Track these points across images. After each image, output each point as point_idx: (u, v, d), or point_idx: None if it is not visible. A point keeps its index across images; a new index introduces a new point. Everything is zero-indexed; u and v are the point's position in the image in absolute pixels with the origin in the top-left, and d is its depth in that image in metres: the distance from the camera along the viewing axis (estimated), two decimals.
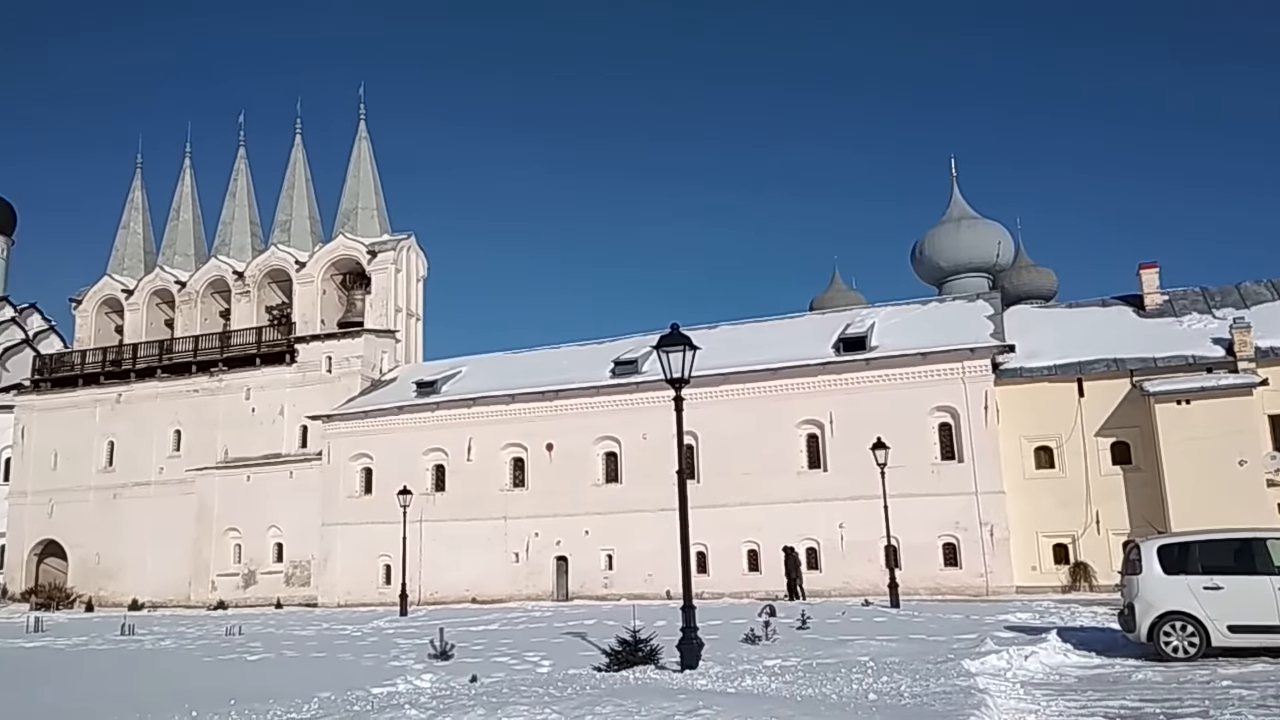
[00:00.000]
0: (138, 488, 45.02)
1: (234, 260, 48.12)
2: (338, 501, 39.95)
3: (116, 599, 42.65)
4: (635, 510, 34.44)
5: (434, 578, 36.49)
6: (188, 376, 45.58)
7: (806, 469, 34.05)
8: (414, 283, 47.29)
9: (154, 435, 45.31)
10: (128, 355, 47.79)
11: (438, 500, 38.07)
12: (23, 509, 47.04)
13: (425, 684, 14.62)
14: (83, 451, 46.41)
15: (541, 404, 37.59)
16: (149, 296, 49.75)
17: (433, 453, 39.08)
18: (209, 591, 41.46)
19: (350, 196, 47.25)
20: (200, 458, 43.75)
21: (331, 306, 46.87)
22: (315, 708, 12.65)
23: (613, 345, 40.19)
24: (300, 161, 48.89)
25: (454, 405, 39.01)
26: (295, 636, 24.91)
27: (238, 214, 49.84)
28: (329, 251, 46.33)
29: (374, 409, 40.54)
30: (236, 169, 50.37)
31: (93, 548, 45.17)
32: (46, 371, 49.29)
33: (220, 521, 42.47)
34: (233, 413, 44.01)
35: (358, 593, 38.29)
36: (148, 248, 51.91)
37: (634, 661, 13.60)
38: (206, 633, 27.27)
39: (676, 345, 13.45)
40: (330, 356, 43.31)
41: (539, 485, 37.25)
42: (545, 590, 36.01)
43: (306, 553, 40.42)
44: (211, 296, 48.86)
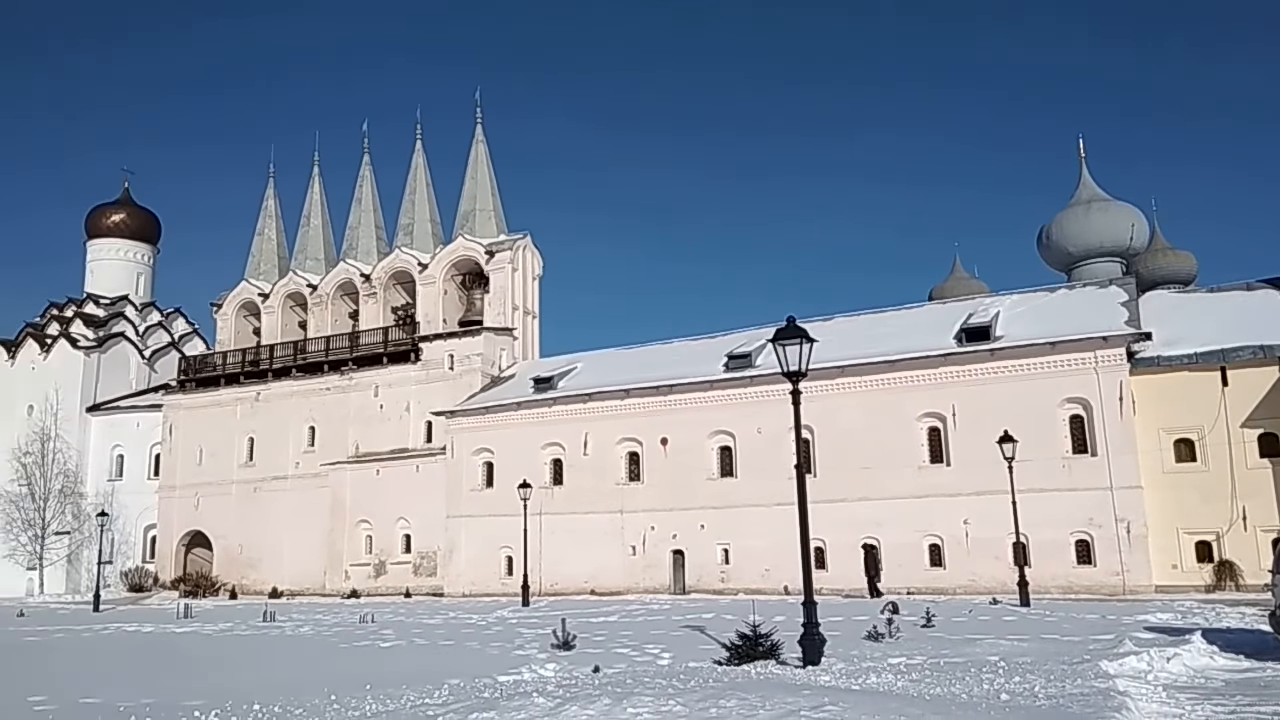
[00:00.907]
0: (276, 481, 47.41)
1: (361, 263, 50.07)
2: (461, 495, 41.15)
3: (258, 587, 45.03)
4: (750, 505, 34.31)
5: (553, 569, 37.19)
6: (320, 375, 47.69)
7: (928, 463, 33.22)
8: (530, 281, 48.22)
9: (290, 431, 47.59)
10: (265, 356, 50.33)
11: (556, 494, 38.76)
12: (171, 502, 50.13)
13: (549, 673, 14.94)
14: (225, 447, 49.14)
15: (655, 399, 37.81)
16: (283, 299, 52.28)
17: (550, 447, 39.82)
18: (343, 580, 43.33)
19: (468, 199, 48.52)
20: (333, 452, 45.73)
21: (453, 306, 48.25)
22: (446, 694, 13.09)
23: (725, 339, 40.09)
24: (421, 166, 50.47)
25: (570, 401, 39.63)
26: (424, 625, 25.81)
27: (363, 219, 51.82)
28: (449, 253, 47.69)
29: (493, 405, 41.56)
30: (361, 175, 52.41)
31: (236, 538, 47.79)
32: (191, 372, 52.35)
33: (352, 513, 44.32)
34: (362, 409, 45.84)
35: (481, 583, 39.37)
36: (281, 253, 54.53)
37: (754, 656, 13.57)
38: (341, 620, 28.52)
39: (793, 338, 13.32)
40: (452, 354, 44.60)
41: (654, 479, 37.50)
42: (662, 583, 36.24)
43: (433, 544, 41.78)
44: (341, 298, 50.97)
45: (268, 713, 12.14)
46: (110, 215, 61.28)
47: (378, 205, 52.63)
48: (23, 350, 56.13)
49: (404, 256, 48.54)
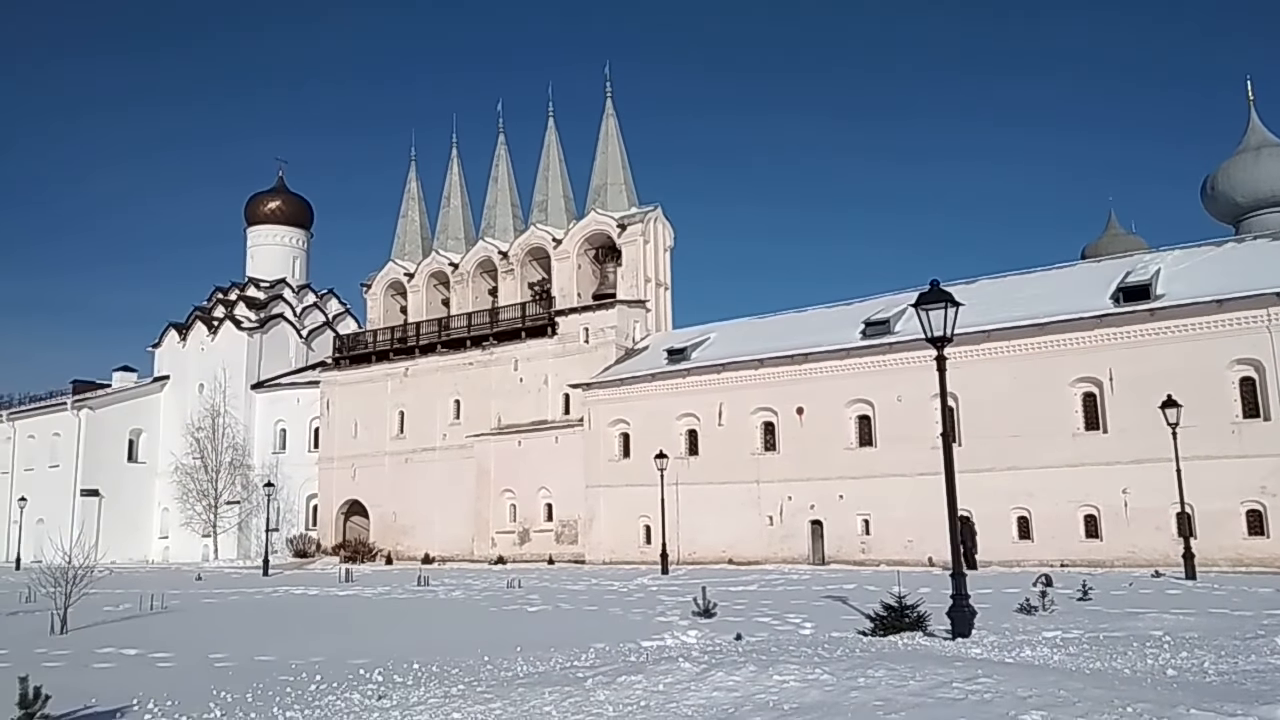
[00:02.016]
0: (425, 453, 49.49)
1: (498, 241, 51.38)
2: (599, 465, 41.93)
3: (411, 553, 47.25)
4: (891, 475, 33.62)
5: (691, 538, 37.50)
6: (463, 351, 49.35)
7: (1083, 430, 31.70)
8: (661, 253, 48.37)
9: (437, 405, 49.53)
10: (411, 333, 52.45)
11: (691, 464, 38.98)
12: (330, 473, 53.05)
13: (692, 640, 15.12)
14: (378, 421, 51.59)
15: (790, 368, 37.42)
16: (427, 278, 54.25)
17: (685, 418, 40.02)
18: (489, 548, 44.96)
19: (600, 173, 48.98)
20: (477, 424, 47.35)
21: (587, 280, 48.96)
22: (592, 657, 13.44)
23: (862, 306, 39.23)
24: (554, 144, 51.23)
25: (704, 371, 39.68)
26: (568, 591, 26.53)
27: (500, 198, 53.08)
28: (582, 227, 48.34)
29: (628, 377, 42.06)
30: (497, 155, 53.61)
31: (389, 507, 50.22)
32: (344, 350, 55.08)
33: (497, 483, 45.84)
34: (503, 383, 47.23)
35: (620, 551, 40.10)
36: (424, 234, 56.53)
37: (900, 627, 13.35)
38: (490, 585, 29.62)
39: (937, 302, 12.91)
40: (587, 328, 45.32)
41: (790, 449, 37.19)
42: (800, 554, 36.02)
43: (573, 513, 42.80)
44: (481, 275, 52.48)
45: (426, 672, 12.76)
46: (267, 203, 64.89)
47: (514, 184, 53.79)
48: (192, 332, 60.33)
49: (539, 233, 49.49)
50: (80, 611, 19.91)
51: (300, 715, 9.99)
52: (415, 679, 12.15)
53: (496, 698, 9.30)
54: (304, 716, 9.89)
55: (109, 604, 23.98)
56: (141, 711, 10.73)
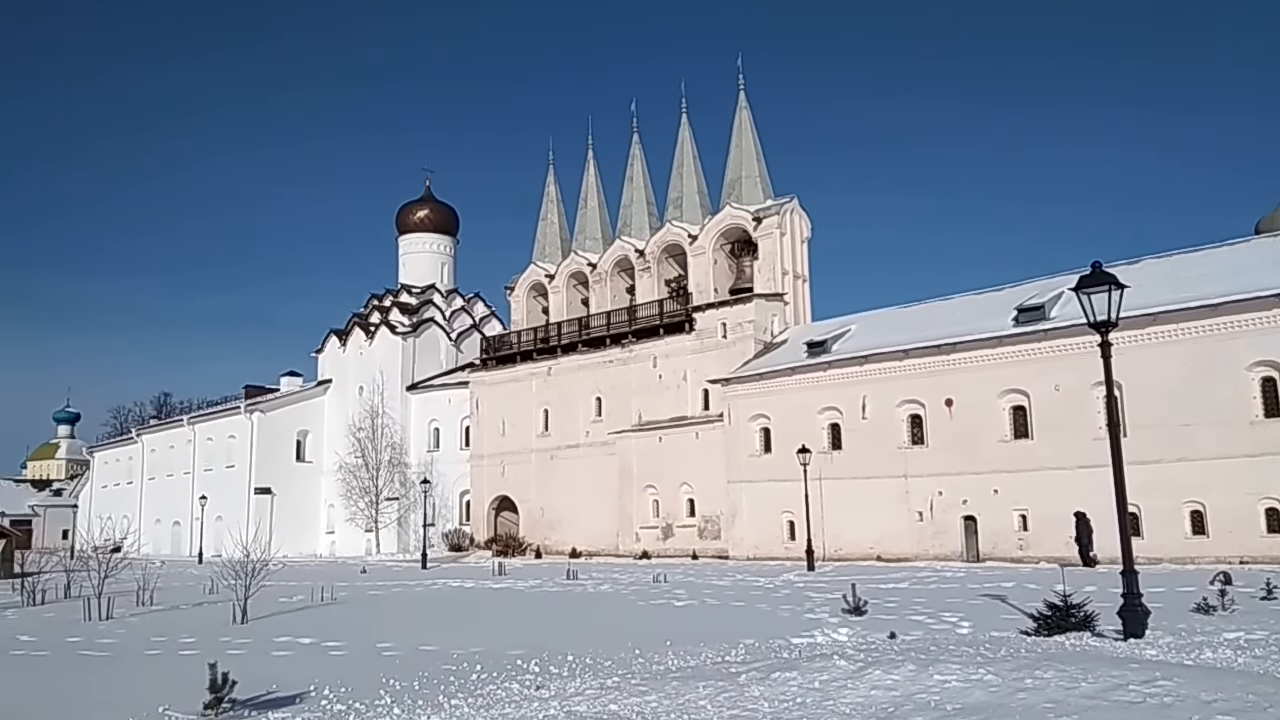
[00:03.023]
0: (569, 449, 50.53)
1: (635, 240, 51.89)
2: (740, 460, 41.76)
3: (559, 547, 48.34)
4: (1050, 468, 32.13)
5: (837, 534, 36.88)
6: (603, 349, 50.10)
7: (1262, 418, 29.41)
8: (798, 244, 47.72)
9: (579, 402, 50.47)
10: (553, 333, 53.64)
11: (835, 458, 38.31)
12: (481, 470, 54.86)
13: (843, 637, 14.89)
14: (524, 419, 53.00)
15: (937, 358, 36.26)
16: (567, 279, 55.36)
17: (827, 411, 39.36)
18: (634, 543, 45.50)
19: (734, 167, 48.75)
20: (618, 421, 47.99)
21: (723, 274, 48.83)
22: (742, 653, 13.42)
23: (1013, 291, 37.61)
24: (687, 140, 51.31)
25: (845, 364, 38.93)
26: (714, 586, 26.57)
27: (635, 197, 53.60)
28: (717, 222, 48.23)
29: (767, 371, 41.70)
30: (632, 154, 54.13)
31: (537, 502, 51.53)
32: (491, 351, 56.83)
33: (639, 479, 46.33)
34: (643, 380, 47.69)
35: (764, 547, 39.84)
36: (563, 235, 57.69)
37: (1066, 627, 12.77)
38: (636, 580, 29.99)
39: (1100, 284, 12.25)
40: (724, 323, 45.18)
41: (939, 442, 36.04)
42: (953, 550, 34.87)
43: (715, 508, 42.80)
44: (618, 274, 53.15)
45: (580, 663, 13.05)
46: (416, 212, 67.61)
47: (648, 183, 54.20)
48: (351, 338, 63.51)
49: (674, 230, 49.69)
50: (258, 602, 21.31)
51: (464, 703, 10.39)
52: (570, 670, 12.45)
53: (651, 690, 9.43)
54: (468, 705, 10.29)
55: (283, 595, 25.57)
56: (318, 697, 11.40)
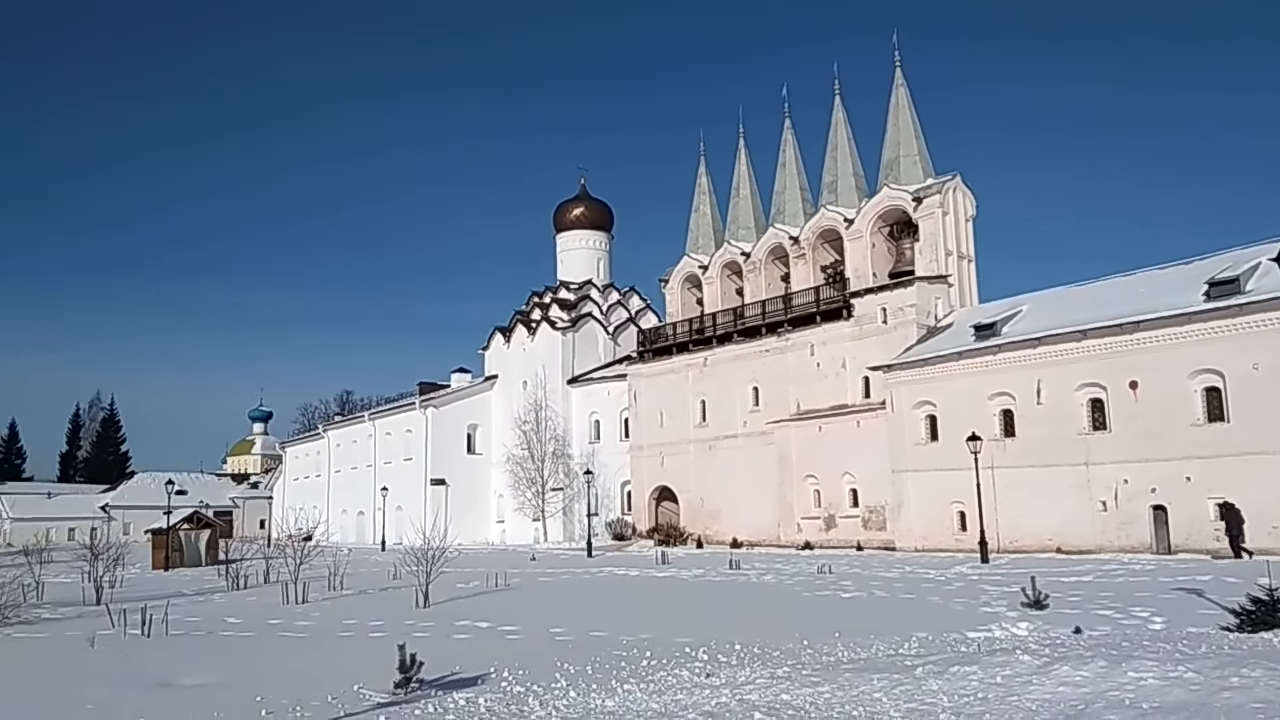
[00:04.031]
0: (727, 440, 50.50)
1: (789, 226, 51.23)
2: (905, 449, 40.59)
3: (720, 537, 48.44)
4: (1251, 453, 29.69)
5: (1011, 525, 35.32)
6: (759, 338, 49.76)
7: None
8: (962, 224, 45.87)
9: (736, 392, 50.35)
10: (708, 324, 53.69)
11: (1008, 446, 36.67)
12: (641, 460, 55.62)
13: (1023, 632, 14.31)
14: (681, 410, 53.34)
15: (1119, 338, 34.08)
16: (720, 269, 55.29)
17: (998, 397, 37.68)
18: (795, 533, 45.04)
19: (891, 146, 47.30)
20: (776, 411, 47.57)
21: (881, 258, 47.54)
22: (915, 646, 13.09)
23: (1202, 264, 34.91)
24: (841, 122, 50.18)
25: (1017, 347, 37.15)
26: (881, 578, 25.98)
27: (788, 183, 52.90)
28: (874, 205, 46.97)
29: (932, 356, 40.30)
30: (784, 140, 53.42)
31: (697, 493, 51.79)
32: (647, 344, 57.47)
33: (799, 469, 45.79)
34: (800, 368, 47.07)
35: (933, 538, 38.59)
36: (715, 226, 57.64)
37: (1273, 623, 11.80)
38: (799, 570, 29.70)
39: None
40: (884, 308, 43.98)
41: (1123, 427, 33.87)
42: (1141, 542, 32.73)
43: (880, 498, 41.79)
44: (772, 263, 52.64)
45: (749, 653, 13.07)
46: (571, 211, 69.19)
47: (801, 168, 53.39)
48: (514, 334, 65.68)
49: (829, 214, 48.73)
50: (438, 588, 22.39)
51: (636, 689, 10.60)
52: (739, 659, 12.49)
53: (824, 681, 9.34)
54: (640, 690, 10.49)
55: (460, 581, 26.75)
56: (498, 679, 11.89)
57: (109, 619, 19.25)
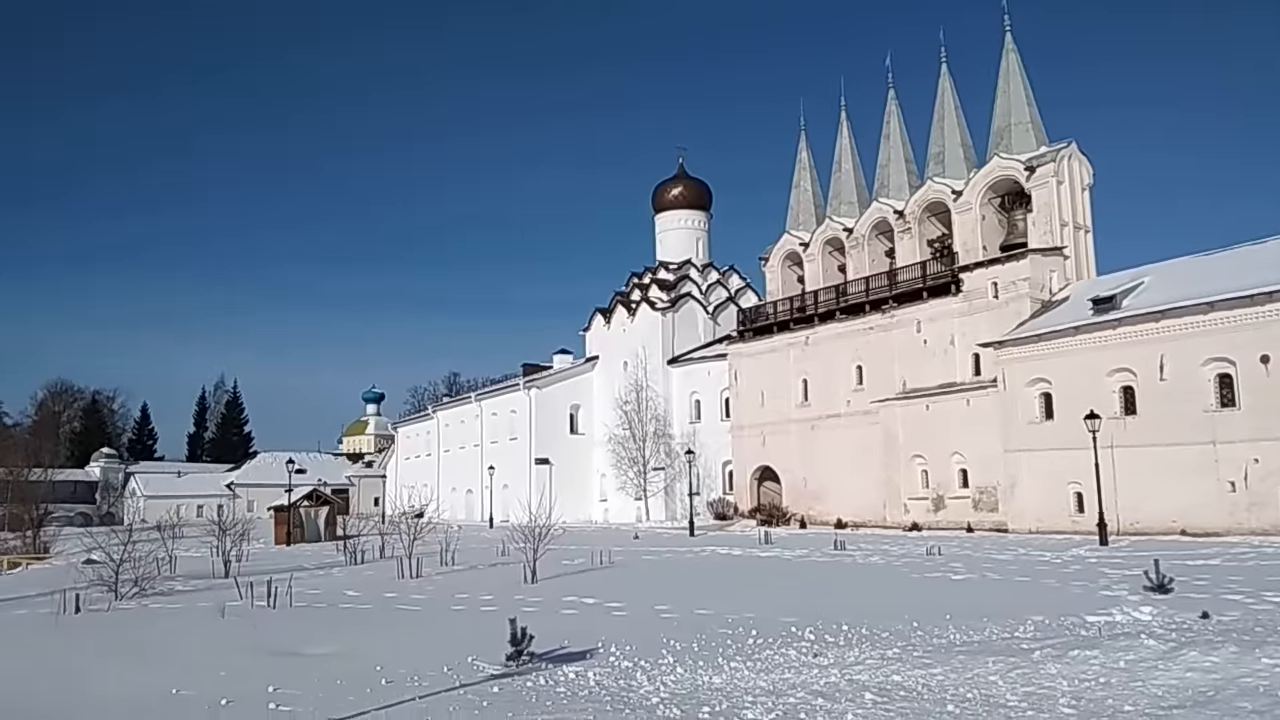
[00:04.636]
0: (830, 419, 49.81)
1: (893, 200, 49.96)
2: (1018, 428, 39.30)
3: (823, 518, 47.91)
4: None
5: (1132, 506, 33.85)
6: (862, 316, 48.79)
7: None
8: (1078, 193, 43.90)
9: (838, 371, 49.55)
10: (810, 302, 52.91)
11: (1128, 424, 35.12)
12: (742, 440, 55.37)
13: (1146, 616, 13.76)
14: (782, 389, 52.82)
15: (1249, 310, 32.17)
16: (822, 246, 54.37)
17: (1118, 373, 36.09)
18: (902, 514, 44.19)
19: (1001, 114, 45.55)
20: (881, 389, 46.66)
21: (992, 231, 45.92)
22: (1031, 629, 12.73)
23: None
24: (948, 91, 48.56)
25: (1138, 320, 35.46)
26: (993, 560, 25.32)
27: (892, 155, 51.55)
28: (984, 175, 45.37)
29: (1046, 332, 38.82)
30: (888, 111, 52.04)
31: (799, 473, 51.30)
32: (747, 323, 57.02)
33: (905, 449, 44.85)
34: (906, 346, 45.99)
35: (1048, 520, 37.32)
36: (816, 202, 56.65)
37: None
38: (907, 552, 29.19)
39: None
40: (995, 282, 42.54)
41: (1254, 404, 32.00)
42: (1273, 524, 30.88)
43: (991, 479, 40.62)
44: (876, 238, 51.47)
45: (856, 634, 12.92)
46: (670, 191, 69.06)
47: (905, 140, 51.93)
48: (615, 315, 66.11)
49: (936, 187, 47.31)
50: (544, 564, 22.85)
51: (743, 666, 10.62)
52: (846, 640, 12.36)
53: (936, 663, 9.16)
54: (747, 668, 10.50)
55: (565, 558, 27.22)
56: (606, 654, 12.07)
57: (237, 591, 20.30)
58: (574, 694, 9.70)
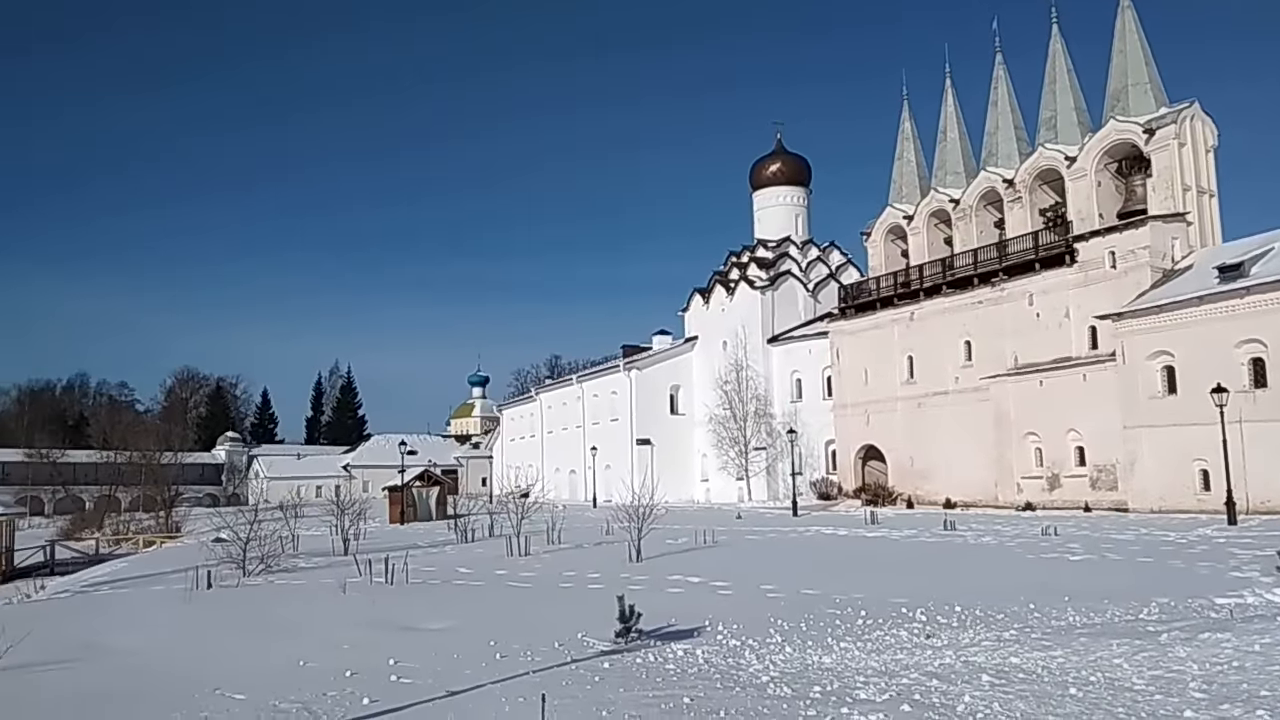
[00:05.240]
0: (937, 396, 48.62)
1: (1002, 169, 48.22)
2: (1138, 403, 37.62)
3: (931, 497, 46.88)
4: None
5: (1262, 484, 32.06)
6: (970, 290, 47.34)
7: None
8: (1202, 156, 41.52)
9: (945, 347, 48.25)
10: (915, 276, 51.60)
11: (1258, 398, 33.23)
12: (845, 419, 54.56)
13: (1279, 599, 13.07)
14: (887, 366, 51.78)
15: None
16: (927, 219, 52.90)
17: (1246, 345, 34.15)
18: (1015, 493, 42.90)
19: (1117, 75, 43.37)
20: (991, 365, 45.28)
21: (1108, 198, 43.88)
22: (1155, 611, 12.25)
23: None
24: (1059, 53, 46.45)
25: (1269, 288, 33.45)
26: (1113, 540, 24.40)
27: (1000, 122, 49.68)
28: (1098, 140, 43.34)
29: (1169, 302, 36.97)
30: (995, 76, 50.10)
31: (905, 451, 50.28)
32: (849, 299, 56.01)
33: (1018, 426, 43.48)
34: (1017, 319, 44.46)
35: (1171, 499, 35.69)
36: (920, 174, 55.10)
37: None
38: (1021, 532, 28.35)
39: None
40: (1113, 251, 40.69)
41: None
42: None
43: (1109, 456, 39.05)
44: (984, 209, 49.79)
45: (970, 615, 12.65)
46: (768, 167, 68.21)
47: (1015, 106, 49.95)
48: (713, 295, 65.87)
49: (1048, 153, 45.41)
50: (648, 543, 23.03)
51: (854, 646, 10.51)
52: (960, 621, 12.11)
53: (1056, 646, 8.90)
54: (858, 648, 10.39)
55: (669, 538, 27.38)
56: (713, 632, 12.12)
57: (356, 568, 21.12)
58: (683, 671, 9.78)
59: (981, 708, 7.54)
